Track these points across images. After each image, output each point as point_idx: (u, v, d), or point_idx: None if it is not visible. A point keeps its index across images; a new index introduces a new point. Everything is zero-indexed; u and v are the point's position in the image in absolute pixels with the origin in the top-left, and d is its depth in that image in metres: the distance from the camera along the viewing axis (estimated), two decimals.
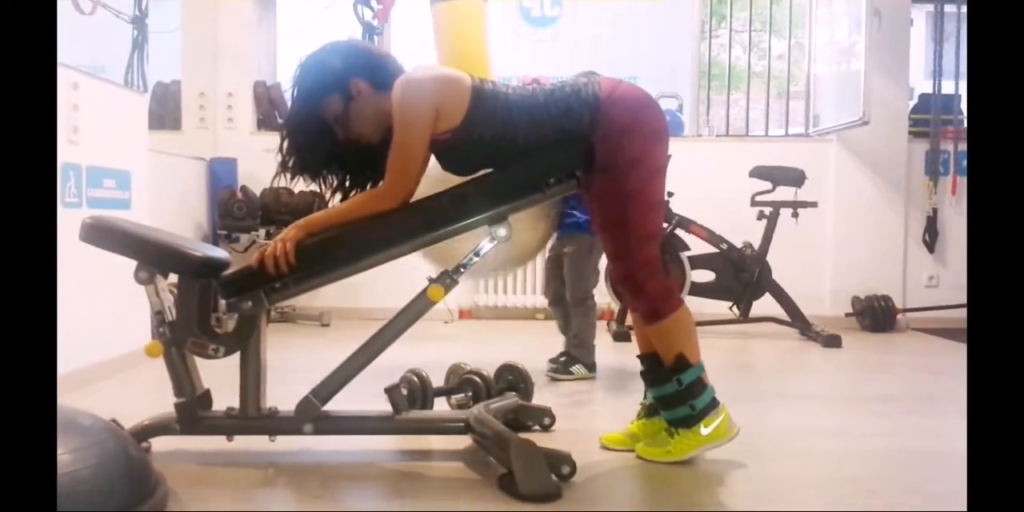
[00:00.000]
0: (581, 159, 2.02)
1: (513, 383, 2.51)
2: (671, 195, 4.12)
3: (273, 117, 5.26)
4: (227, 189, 4.65)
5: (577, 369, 3.22)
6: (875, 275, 4.96)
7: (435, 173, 2.10)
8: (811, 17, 5.34)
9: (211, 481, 1.96)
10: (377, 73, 2.03)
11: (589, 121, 1.99)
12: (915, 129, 5.11)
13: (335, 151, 2.08)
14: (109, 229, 2.06)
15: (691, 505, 1.86)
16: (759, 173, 4.45)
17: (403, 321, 2.07)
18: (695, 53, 5.85)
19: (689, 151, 4.65)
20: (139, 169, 3.44)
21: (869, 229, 5.00)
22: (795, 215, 4.40)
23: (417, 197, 2.04)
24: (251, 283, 2.02)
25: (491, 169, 2.08)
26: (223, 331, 2.11)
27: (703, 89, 6.03)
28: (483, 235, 2.06)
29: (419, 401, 2.40)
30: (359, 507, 1.88)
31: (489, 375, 2.48)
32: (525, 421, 2.38)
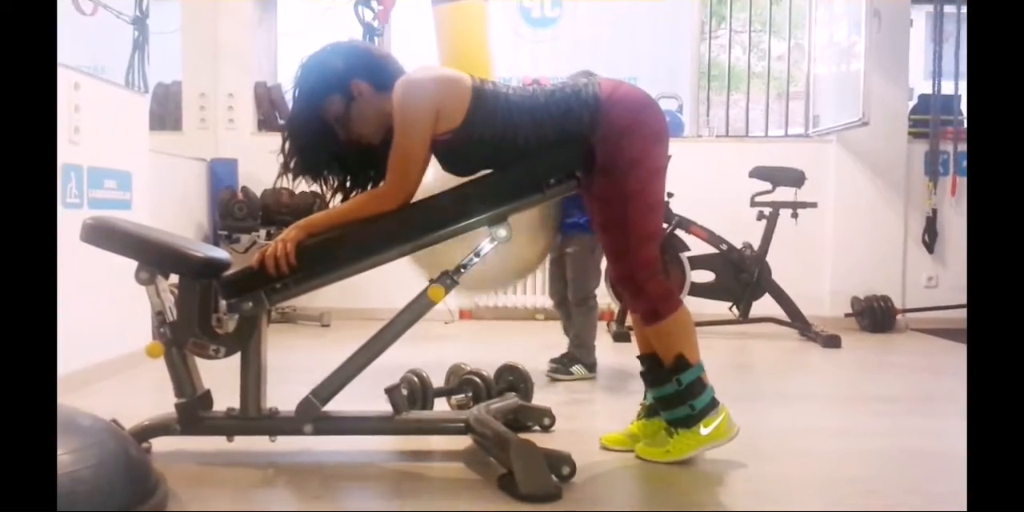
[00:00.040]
0: (581, 160, 2.02)
1: (513, 383, 2.51)
2: (671, 196, 4.13)
3: (274, 118, 5.26)
4: (228, 190, 4.65)
5: (577, 369, 3.23)
6: (874, 275, 4.96)
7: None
8: (811, 18, 5.34)
9: (211, 481, 1.96)
10: (378, 74, 2.04)
11: (589, 122, 1.99)
12: (915, 130, 5.11)
13: (336, 152, 2.09)
14: (110, 229, 2.06)
15: (691, 505, 1.86)
16: (759, 173, 4.45)
17: (403, 321, 2.08)
18: (695, 54, 5.85)
19: (689, 152, 4.65)
20: (140, 170, 3.45)
21: (869, 229, 5.00)
22: (795, 215, 4.40)
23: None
24: (252, 284, 2.02)
25: (491, 170, 2.09)
26: (224, 331, 2.12)
27: (703, 90, 6.03)
28: (467, 242, 2.06)
29: (419, 401, 2.40)
30: (359, 507, 1.89)
31: (489, 375, 2.49)
32: (525, 421, 2.39)
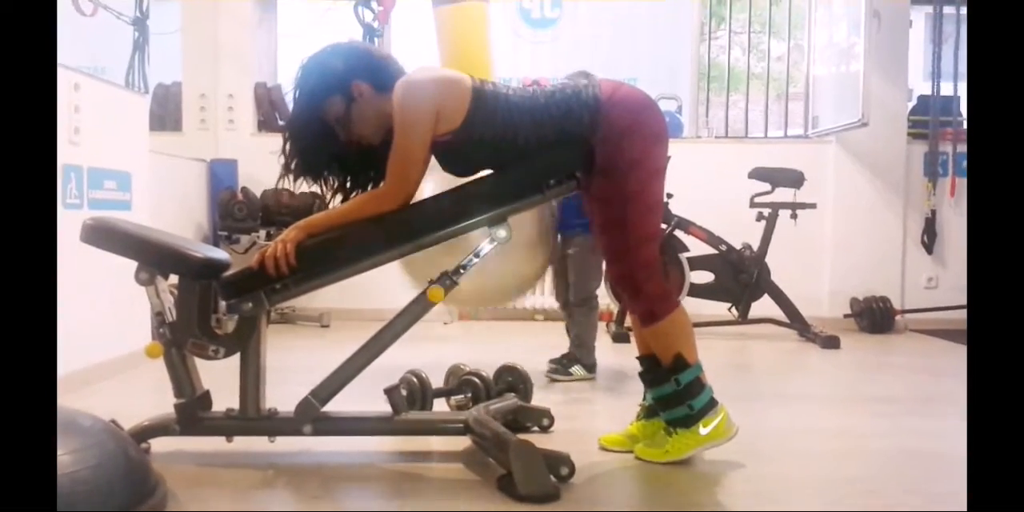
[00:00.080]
0: (581, 160, 2.02)
1: (512, 384, 2.51)
2: (670, 196, 4.13)
3: (274, 118, 5.26)
4: (228, 190, 4.65)
5: (576, 370, 3.22)
6: (874, 276, 4.97)
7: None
8: (810, 19, 5.34)
9: (211, 482, 1.96)
10: (378, 75, 2.04)
11: (589, 123, 1.99)
12: (914, 131, 5.11)
13: (337, 153, 2.09)
14: (110, 230, 2.06)
15: (690, 505, 1.86)
16: (758, 174, 4.45)
17: (403, 322, 2.08)
18: (694, 54, 5.86)
19: (688, 152, 4.65)
20: (140, 170, 3.45)
21: (868, 230, 5.00)
22: (794, 216, 4.40)
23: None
24: (251, 284, 2.02)
25: (492, 170, 2.09)
26: (223, 332, 2.12)
27: (702, 90, 6.03)
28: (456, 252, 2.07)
29: (418, 402, 2.40)
30: (359, 508, 1.89)
31: (488, 376, 2.49)
32: (524, 422, 2.39)
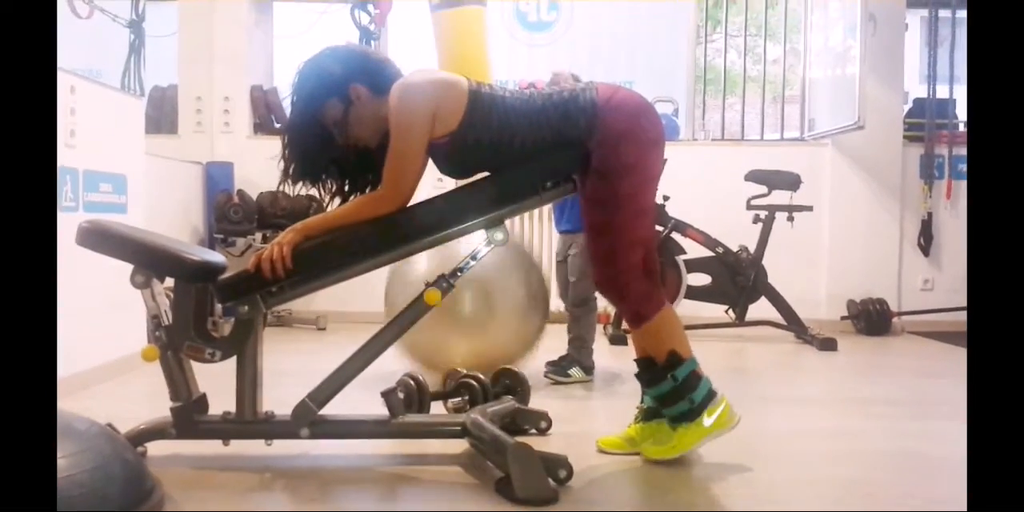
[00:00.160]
0: (578, 163, 2.03)
1: (510, 387, 2.51)
2: (667, 199, 4.13)
3: (270, 121, 5.25)
4: (223, 193, 4.65)
5: (575, 372, 3.21)
6: (870, 278, 4.97)
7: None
8: (806, 22, 5.36)
9: (207, 485, 1.95)
10: (376, 77, 2.04)
11: (586, 126, 1.99)
12: (910, 133, 5.12)
13: (334, 156, 2.09)
14: (105, 233, 2.06)
15: (688, 507, 1.86)
16: (755, 177, 4.46)
17: (400, 325, 2.08)
18: (691, 57, 5.87)
19: (685, 155, 4.67)
20: (135, 173, 3.44)
21: (864, 233, 5.01)
22: (790, 219, 4.40)
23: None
24: (248, 287, 2.02)
25: (489, 173, 2.09)
26: (219, 335, 2.12)
27: (699, 93, 6.05)
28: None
29: (416, 405, 2.39)
30: (355, 510, 1.88)
31: (486, 379, 2.48)
32: (522, 425, 2.38)
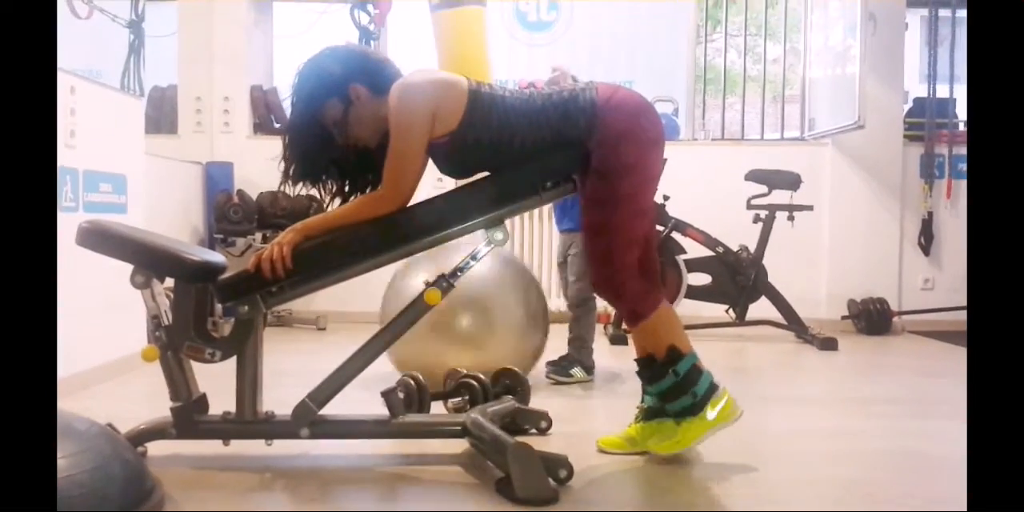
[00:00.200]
0: (578, 163, 2.03)
1: (510, 387, 2.51)
2: (667, 199, 4.13)
3: (270, 121, 5.25)
4: (223, 193, 4.65)
5: (576, 372, 3.20)
6: (871, 278, 4.97)
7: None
8: (806, 21, 5.35)
9: (207, 485, 1.95)
10: (375, 77, 2.04)
11: (586, 126, 1.99)
12: (910, 133, 5.12)
13: (335, 156, 2.09)
14: (105, 233, 2.06)
15: (689, 507, 1.86)
16: (755, 177, 4.45)
17: (400, 325, 2.07)
18: (691, 57, 5.87)
19: (685, 155, 4.67)
20: (135, 173, 3.44)
21: (864, 232, 5.01)
22: (791, 218, 4.40)
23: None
24: (248, 287, 2.02)
25: (489, 172, 2.09)
26: (219, 335, 2.11)
27: (699, 93, 6.04)
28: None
29: (416, 405, 2.39)
30: (355, 510, 1.88)
31: (486, 379, 2.48)
32: (522, 425, 2.38)
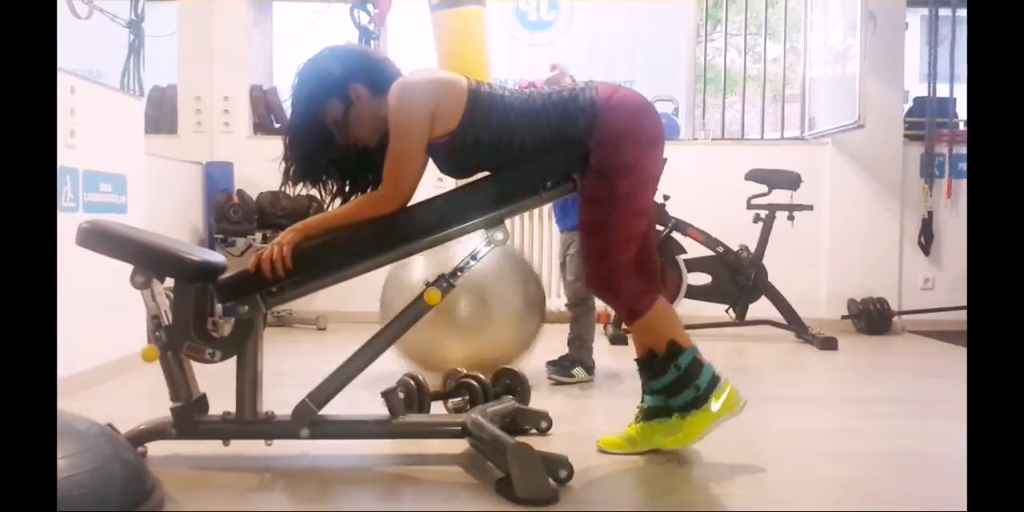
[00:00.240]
0: (578, 162, 2.03)
1: (510, 387, 2.51)
2: (667, 198, 4.13)
3: (269, 121, 5.25)
4: (223, 193, 4.65)
5: (578, 372, 3.20)
6: (871, 278, 4.97)
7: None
8: (806, 21, 5.35)
9: (207, 485, 1.95)
10: (375, 77, 2.04)
11: (586, 126, 2.00)
12: (910, 132, 5.12)
13: (335, 156, 2.09)
14: (105, 233, 2.05)
15: (689, 507, 1.86)
16: (755, 176, 4.45)
17: (400, 325, 2.07)
18: (691, 57, 5.87)
19: (685, 154, 4.67)
20: (135, 173, 3.44)
21: (865, 232, 5.01)
22: (791, 218, 4.40)
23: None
24: (248, 287, 2.02)
25: (489, 172, 2.09)
26: (219, 335, 2.11)
27: (699, 92, 6.04)
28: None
29: (416, 405, 2.39)
30: (355, 510, 1.88)
31: (486, 379, 2.48)
32: (522, 425, 2.38)
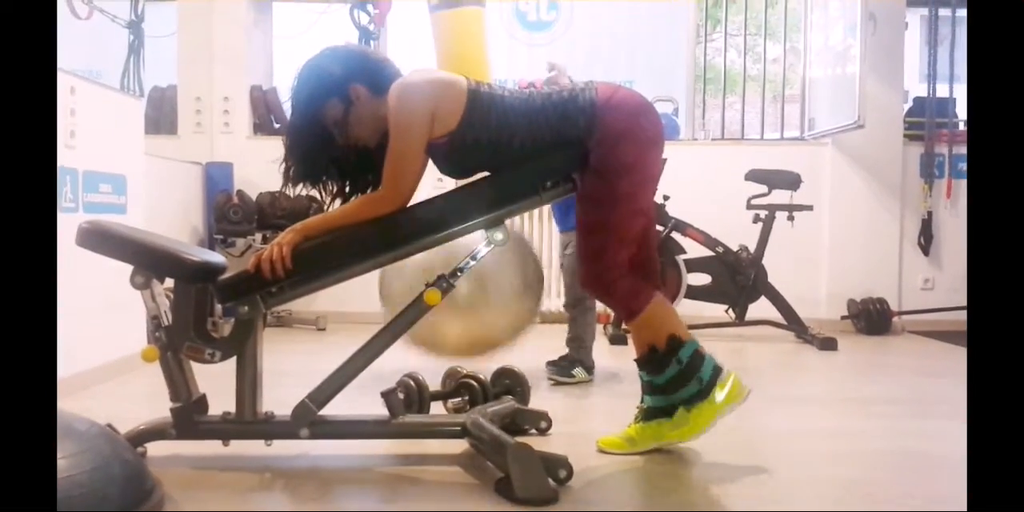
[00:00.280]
0: (577, 162, 2.03)
1: (510, 387, 2.51)
2: (667, 198, 4.13)
3: (269, 121, 5.25)
4: (223, 193, 4.65)
5: (578, 372, 3.20)
6: (870, 278, 4.97)
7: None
8: (806, 21, 5.35)
9: (207, 485, 1.95)
10: (375, 77, 2.04)
11: (585, 126, 2.00)
12: (910, 132, 5.12)
13: (335, 157, 2.09)
14: (105, 234, 2.06)
15: (689, 507, 1.86)
16: (755, 176, 4.45)
17: (400, 325, 2.08)
18: (690, 57, 5.88)
19: (685, 154, 4.67)
20: (135, 174, 3.44)
21: (864, 232, 5.01)
22: (791, 218, 4.40)
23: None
24: (247, 287, 2.02)
25: (489, 173, 2.09)
26: (219, 335, 2.11)
27: (699, 93, 6.05)
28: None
29: (416, 405, 2.39)
30: (355, 510, 1.88)
31: (486, 379, 2.48)
32: (522, 425, 2.38)
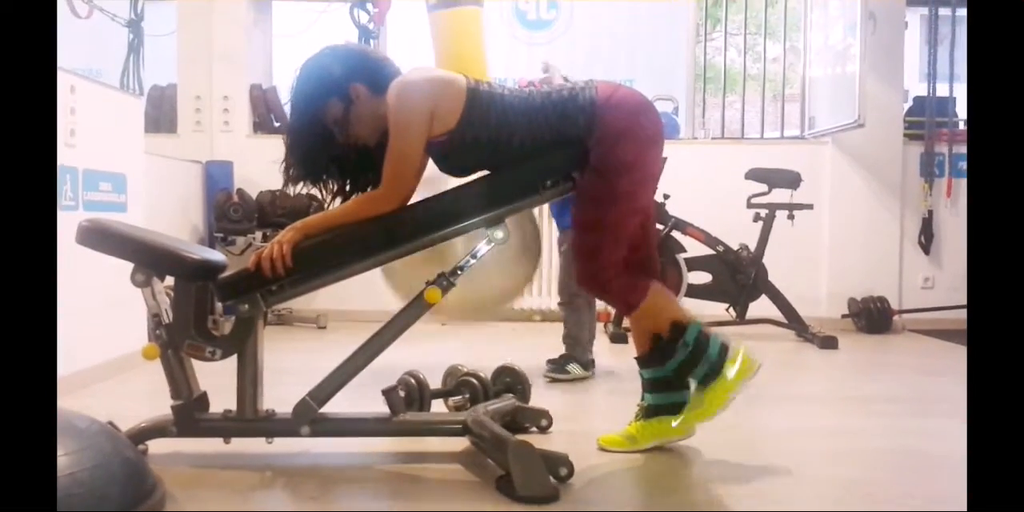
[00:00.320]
0: (577, 161, 2.03)
1: (510, 385, 2.51)
2: (667, 197, 4.13)
3: (269, 120, 5.25)
4: (223, 192, 4.65)
5: (573, 368, 3.20)
6: (871, 277, 4.97)
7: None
8: (806, 20, 5.36)
9: (208, 483, 1.95)
10: (375, 76, 2.04)
11: (585, 124, 2.00)
12: (910, 131, 5.12)
13: (335, 155, 2.09)
14: (105, 232, 2.06)
15: (689, 506, 1.86)
16: (755, 175, 4.45)
17: (400, 323, 2.08)
18: (690, 56, 5.88)
19: (685, 153, 4.67)
20: (135, 172, 3.44)
21: (865, 231, 5.01)
22: (791, 217, 4.40)
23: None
24: (248, 285, 2.02)
25: (488, 171, 2.09)
26: (220, 333, 2.11)
27: (699, 92, 6.06)
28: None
29: (416, 403, 2.39)
30: (356, 509, 1.87)
31: (486, 377, 2.48)
32: (523, 423, 2.38)
